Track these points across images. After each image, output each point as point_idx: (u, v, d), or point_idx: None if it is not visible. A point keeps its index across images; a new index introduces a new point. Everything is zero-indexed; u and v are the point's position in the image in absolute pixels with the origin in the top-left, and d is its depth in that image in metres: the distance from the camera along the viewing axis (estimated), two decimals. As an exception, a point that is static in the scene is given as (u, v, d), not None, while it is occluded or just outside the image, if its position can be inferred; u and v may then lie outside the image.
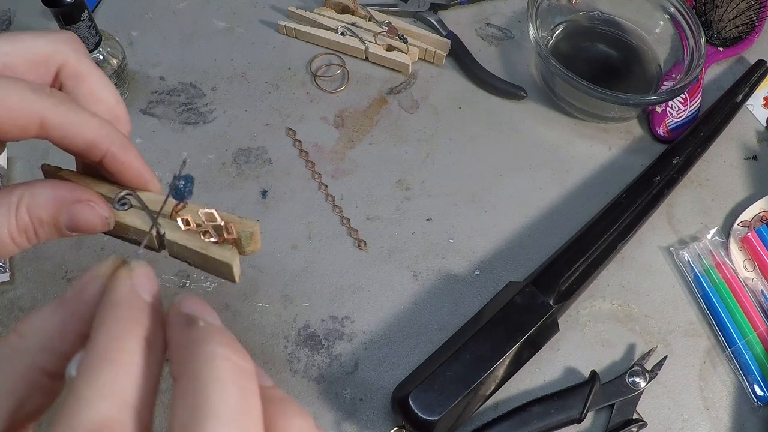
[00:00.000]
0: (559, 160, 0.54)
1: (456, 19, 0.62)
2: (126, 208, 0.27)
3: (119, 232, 0.27)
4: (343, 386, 0.43)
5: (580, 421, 0.42)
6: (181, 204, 0.26)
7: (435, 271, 0.48)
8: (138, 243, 0.26)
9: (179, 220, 0.26)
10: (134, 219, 0.26)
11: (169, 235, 0.26)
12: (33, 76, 0.26)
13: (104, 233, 0.26)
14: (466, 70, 0.58)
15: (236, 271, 0.28)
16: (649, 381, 0.44)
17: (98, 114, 0.25)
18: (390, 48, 0.57)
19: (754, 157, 0.56)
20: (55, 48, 0.26)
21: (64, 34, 0.26)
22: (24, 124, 0.24)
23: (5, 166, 0.50)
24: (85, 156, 0.25)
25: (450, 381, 0.39)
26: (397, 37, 0.57)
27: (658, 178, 0.50)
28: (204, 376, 0.17)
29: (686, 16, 0.56)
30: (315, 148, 0.53)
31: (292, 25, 0.58)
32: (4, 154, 0.50)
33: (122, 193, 0.27)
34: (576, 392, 0.42)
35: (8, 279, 0.45)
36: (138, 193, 0.27)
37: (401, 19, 0.60)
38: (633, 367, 0.44)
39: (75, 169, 0.29)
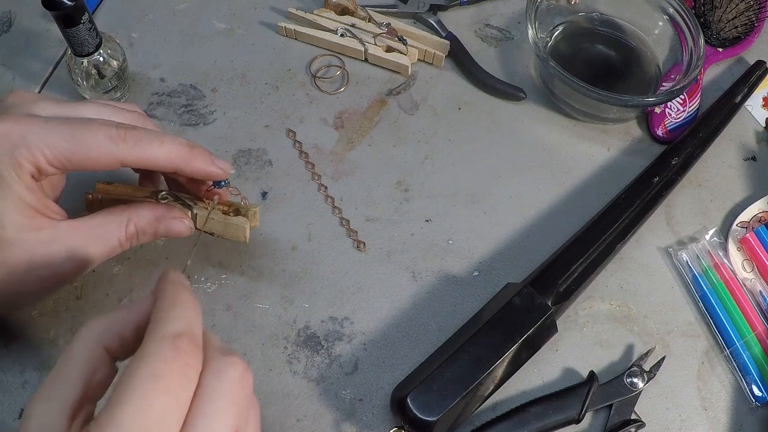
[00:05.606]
0: (558, 161, 0.54)
1: (455, 20, 0.62)
2: (165, 202, 0.40)
3: None
4: (342, 387, 0.43)
5: (578, 421, 0.42)
6: (214, 193, 0.41)
7: (434, 272, 0.48)
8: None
9: (207, 202, 0.41)
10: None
11: (200, 213, 0.41)
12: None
13: None
14: (466, 72, 0.58)
15: (247, 234, 0.42)
16: (648, 381, 0.44)
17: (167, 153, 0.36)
18: (389, 49, 0.58)
19: (753, 158, 0.56)
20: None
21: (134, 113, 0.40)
22: (109, 165, 0.35)
23: None
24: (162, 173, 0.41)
25: (449, 382, 0.40)
26: (396, 39, 0.58)
27: (656, 178, 0.50)
28: None
29: (685, 17, 0.56)
30: (315, 150, 0.53)
31: (291, 26, 0.59)
32: None
33: (163, 193, 0.40)
34: (574, 393, 0.43)
35: None
36: (175, 192, 0.41)
37: (400, 20, 0.60)
38: (631, 367, 0.44)
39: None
